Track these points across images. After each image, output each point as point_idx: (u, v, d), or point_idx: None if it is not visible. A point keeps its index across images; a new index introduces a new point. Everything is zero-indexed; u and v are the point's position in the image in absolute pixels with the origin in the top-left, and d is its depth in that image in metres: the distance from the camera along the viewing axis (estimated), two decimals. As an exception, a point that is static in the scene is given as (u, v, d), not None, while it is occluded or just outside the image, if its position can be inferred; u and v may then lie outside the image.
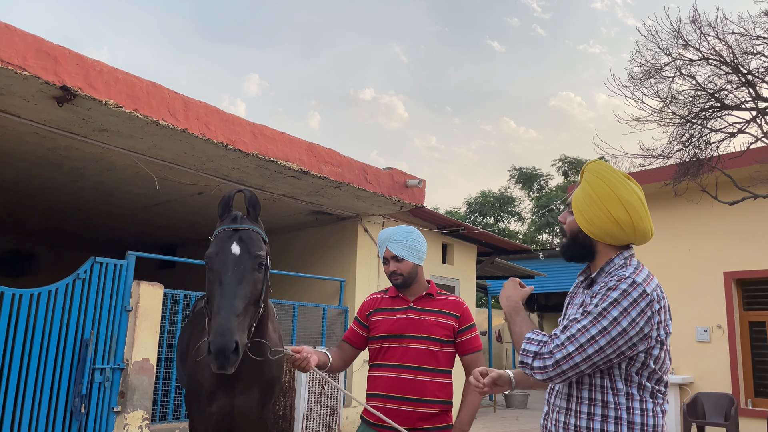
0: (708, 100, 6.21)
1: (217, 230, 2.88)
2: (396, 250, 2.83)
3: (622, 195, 1.92)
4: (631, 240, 2.00)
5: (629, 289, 1.82)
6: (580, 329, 1.79)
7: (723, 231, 10.51)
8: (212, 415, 3.38)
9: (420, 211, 9.29)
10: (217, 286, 2.70)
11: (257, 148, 6.21)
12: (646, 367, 1.86)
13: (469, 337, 2.81)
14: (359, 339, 2.93)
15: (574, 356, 1.77)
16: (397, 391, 2.68)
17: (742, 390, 10.09)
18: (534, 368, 1.81)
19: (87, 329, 5.76)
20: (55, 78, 4.62)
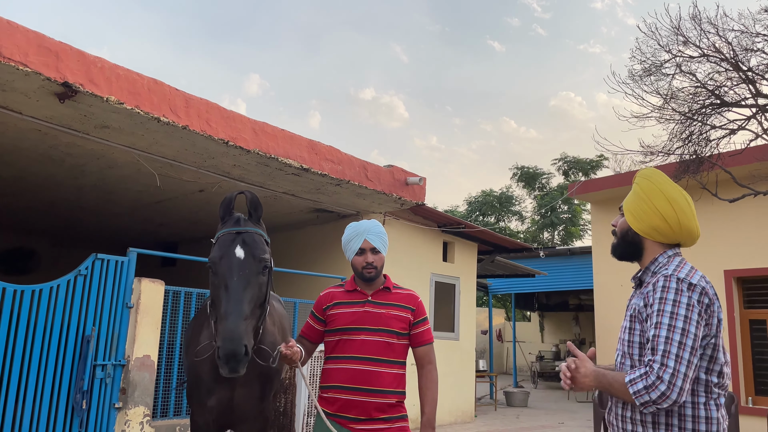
0: (708, 97, 6.22)
1: (219, 233, 2.89)
2: (375, 242, 2.87)
3: (668, 192, 2.06)
4: (677, 237, 2.09)
5: (680, 286, 1.91)
6: (666, 341, 1.85)
7: (723, 229, 10.51)
8: (212, 409, 3.40)
9: (420, 208, 9.31)
10: (223, 290, 2.71)
11: (258, 145, 6.22)
12: (703, 357, 1.92)
13: (423, 330, 2.88)
14: (316, 333, 2.94)
15: (679, 368, 1.82)
16: (354, 383, 2.71)
17: (743, 388, 10.10)
18: (656, 401, 1.82)
19: (88, 326, 5.78)
20: (56, 74, 4.63)
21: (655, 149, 6.67)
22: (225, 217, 2.97)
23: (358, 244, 2.85)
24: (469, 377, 11.08)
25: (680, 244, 2.13)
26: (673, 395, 1.80)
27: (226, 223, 2.93)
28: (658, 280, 1.97)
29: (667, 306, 1.89)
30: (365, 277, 2.85)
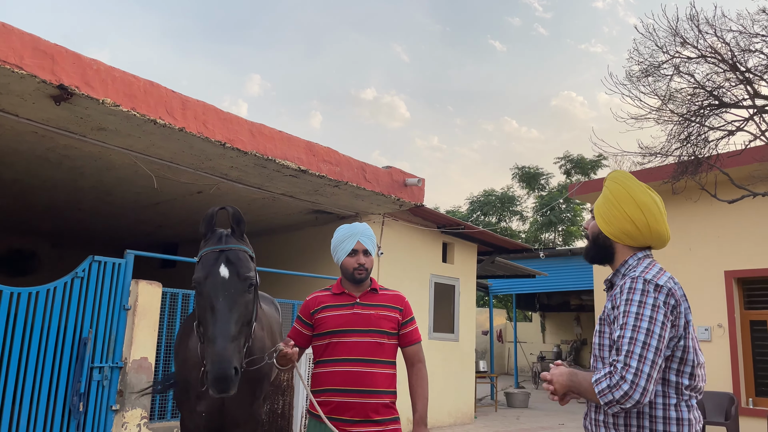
0: (706, 98, 6.20)
1: (202, 251, 2.83)
2: (367, 245, 2.90)
3: (638, 196, 2.07)
4: (647, 241, 2.10)
5: (647, 287, 1.92)
6: (630, 341, 1.85)
7: (723, 230, 10.48)
8: (201, 414, 3.40)
9: (420, 210, 9.29)
10: (209, 312, 2.68)
11: (255, 146, 6.22)
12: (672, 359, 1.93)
13: (411, 330, 2.91)
14: (303, 338, 2.92)
15: (642, 368, 1.82)
16: (348, 384, 2.70)
17: (743, 389, 10.07)
18: (619, 401, 1.82)
19: (85, 328, 5.78)
20: (52, 77, 4.63)
21: (653, 150, 6.65)
22: (207, 234, 2.91)
23: (351, 245, 2.86)
24: (469, 378, 11.07)
25: (651, 247, 2.15)
26: (636, 395, 1.80)
27: (209, 241, 2.87)
28: (625, 281, 1.98)
29: (633, 307, 1.90)
30: (356, 279, 2.85)
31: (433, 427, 9.71)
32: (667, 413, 1.90)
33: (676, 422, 1.89)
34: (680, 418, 1.89)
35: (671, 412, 1.90)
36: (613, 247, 2.15)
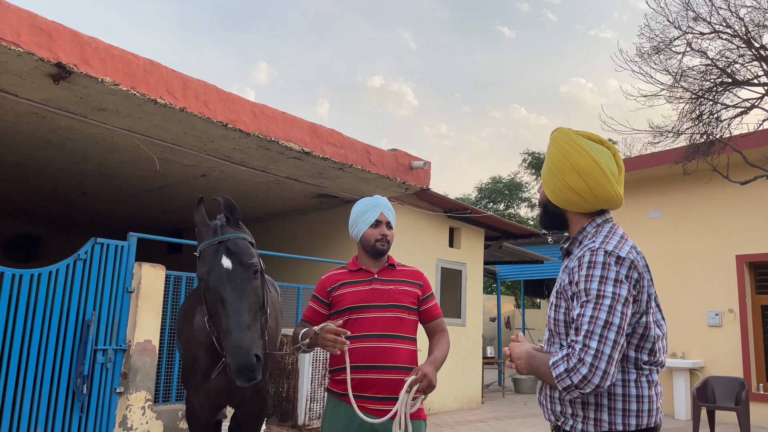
0: (719, 75, 6.04)
1: (201, 245, 2.81)
2: (390, 217, 2.85)
3: (578, 163, 1.90)
4: (598, 206, 1.95)
5: (607, 260, 1.77)
6: (590, 320, 1.72)
7: (735, 213, 10.32)
8: (209, 391, 3.42)
9: (426, 194, 9.19)
10: (220, 305, 2.67)
11: (258, 128, 6.13)
12: (633, 335, 1.82)
13: (432, 305, 2.85)
14: (321, 317, 2.85)
15: (603, 350, 1.69)
16: (370, 360, 2.63)
17: (754, 374, 9.96)
18: (578, 385, 1.70)
19: (88, 310, 5.74)
20: (49, 54, 4.56)
21: (664, 129, 6.50)
22: (202, 228, 2.90)
23: (374, 216, 2.80)
24: (475, 364, 11.01)
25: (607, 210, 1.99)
26: (595, 379, 1.67)
27: (206, 234, 2.85)
28: (584, 254, 1.82)
29: (593, 283, 1.75)
30: (377, 251, 2.79)
31: (439, 412, 9.68)
32: (627, 390, 1.79)
33: (636, 399, 1.78)
34: (640, 395, 1.79)
35: (631, 389, 1.79)
36: (565, 215, 2.00)
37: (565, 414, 1.86)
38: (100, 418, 5.74)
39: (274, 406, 6.71)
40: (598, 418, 1.79)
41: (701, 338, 10.53)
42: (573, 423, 1.84)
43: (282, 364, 6.77)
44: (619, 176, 1.95)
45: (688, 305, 10.71)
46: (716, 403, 8.40)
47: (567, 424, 1.86)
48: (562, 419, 1.87)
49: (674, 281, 10.94)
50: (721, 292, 10.39)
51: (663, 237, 11.27)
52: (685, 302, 10.73)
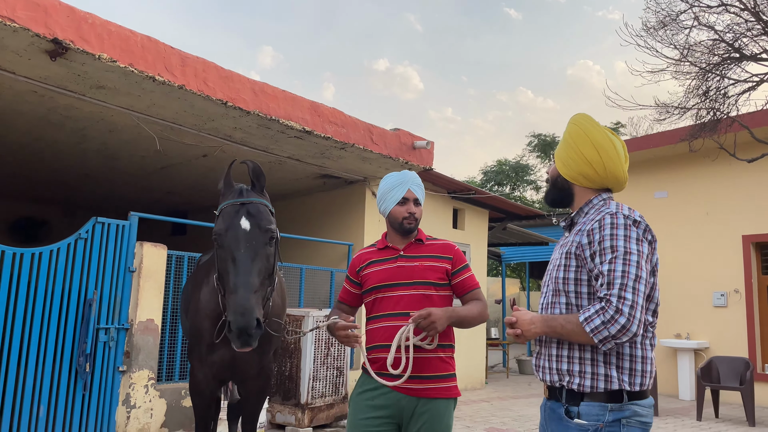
0: (727, 50, 5.92)
1: (222, 204, 2.85)
2: (418, 193, 2.78)
3: (594, 137, 2.04)
4: (605, 182, 2.06)
5: (627, 221, 1.88)
6: (623, 274, 1.79)
7: (741, 193, 10.22)
8: (213, 364, 3.47)
9: (430, 174, 9.14)
10: (231, 263, 2.68)
11: (258, 106, 6.08)
12: None
13: (465, 277, 2.73)
14: (353, 297, 2.86)
15: (637, 300, 1.78)
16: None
17: (759, 354, 9.93)
18: (614, 336, 1.77)
19: (90, 289, 5.75)
20: (45, 30, 4.51)
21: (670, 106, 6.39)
22: (226, 189, 2.93)
23: (401, 193, 2.73)
24: (479, 344, 11.02)
25: (610, 189, 2.11)
26: (633, 327, 1.76)
27: (229, 195, 2.88)
28: (604, 217, 1.92)
29: (619, 241, 1.85)
30: (405, 229, 2.73)
31: (443, 392, 9.69)
32: (634, 351, 1.86)
33: (641, 360, 1.87)
34: (644, 356, 1.87)
35: (637, 350, 1.87)
36: (572, 189, 2.11)
37: (572, 372, 1.88)
38: (103, 396, 5.77)
39: (277, 384, 6.73)
40: (608, 374, 1.84)
41: (707, 319, 10.49)
42: (581, 381, 1.86)
43: (285, 344, 6.78)
44: (626, 164, 2.10)
45: (694, 286, 10.65)
46: (720, 383, 8.38)
47: (574, 383, 1.87)
48: (567, 378, 1.89)
49: (680, 262, 10.87)
50: (727, 272, 10.32)
51: (669, 217, 11.18)
52: (691, 283, 10.67)
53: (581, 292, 1.92)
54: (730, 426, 7.82)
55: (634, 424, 1.80)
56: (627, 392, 1.82)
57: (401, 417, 2.60)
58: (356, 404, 2.66)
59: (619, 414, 1.80)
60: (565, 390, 1.90)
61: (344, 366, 7.00)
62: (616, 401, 1.82)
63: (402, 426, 2.62)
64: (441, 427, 2.60)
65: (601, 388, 1.83)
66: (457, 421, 7.45)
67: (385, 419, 2.59)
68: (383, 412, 2.59)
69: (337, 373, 6.89)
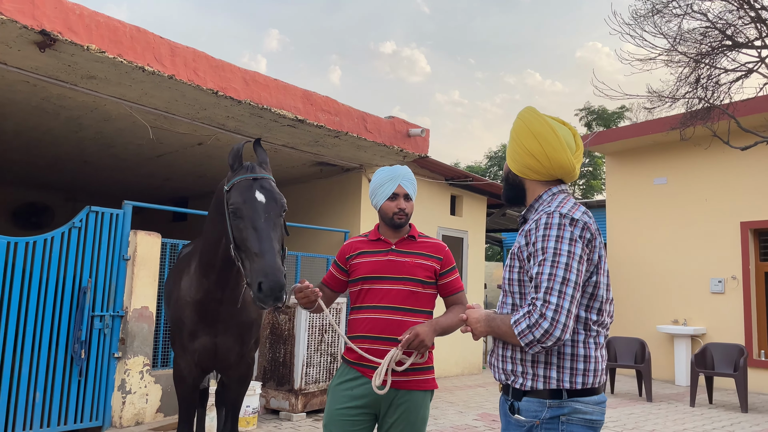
0: (718, 38, 5.87)
1: (235, 179, 3.02)
2: (408, 189, 2.82)
3: (534, 128, 2.04)
4: (552, 172, 2.04)
5: (562, 221, 1.87)
6: (549, 278, 1.79)
7: (739, 180, 10.19)
8: (195, 352, 3.57)
9: (426, 161, 9.15)
10: (251, 231, 2.84)
11: (249, 95, 6.10)
12: (583, 294, 1.89)
13: (452, 279, 2.81)
14: (338, 283, 2.92)
15: (562, 304, 1.77)
16: (377, 332, 2.66)
17: (756, 341, 9.95)
18: (539, 340, 1.78)
19: (85, 277, 5.84)
20: (33, 22, 4.54)
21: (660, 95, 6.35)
22: (235, 165, 3.10)
23: (391, 189, 2.78)
24: (477, 330, 11.08)
25: (562, 181, 2.09)
26: (557, 332, 1.75)
27: (239, 171, 3.06)
28: (540, 217, 1.91)
29: (550, 242, 1.84)
30: (395, 224, 2.78)
31: (439, 377, 9.79)
32: (575, 350, 1.86)
33: (584, 359, 1.86)
34: (587, 355, 1.87)
35: (579, 349, 1.87)
36: (523, 183, 2.11)
37: (515, 372, 1.93)
38: (99, 382, 5.88)
39: (271, 370, 6.83)
40: (548, 375, 1.87)
41: (704, 305, 10.50)
42: (523, 381, 1.91)
43: (279, 330, 6.86)
44: (577, 152, 2.08)
45: (691, 272, 10.65)
46: (715, 369, 8.42)
47: (517, 383, 1.93)
48: (512, 377, 1.94)
49: (678, 248, 10.87)
50: (725, 258, 10.32)
51: (668, 203, 11.16)
52: (689, 269, 10.68)
53: (525, 293, 1.93)
54: (722, 412, 7.87)
55: (575, 421, 1.82)
56: (567, 390, 1.84)
57: (378, 407, 2.66)
58: (334, 394, 2.72)
59: (557, 411, 1.83)
60: (510, 387, 1.95)
61: (338, 352, 7.08)
62: (555, 398, 1.85)
63: (379, 416, 2.69)
64: (417, 418, 2.67)
65: (540, 387, 1.86)
66: (451, 407, 7.54)
67: (362, 409, 2.65)
68: (361, 402, 2.65)
69: (330, 359, 6.97)
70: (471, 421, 6.79)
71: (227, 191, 3.05)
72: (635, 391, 9.22)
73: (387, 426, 2.66)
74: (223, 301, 3.47)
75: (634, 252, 11.49)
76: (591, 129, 27.80)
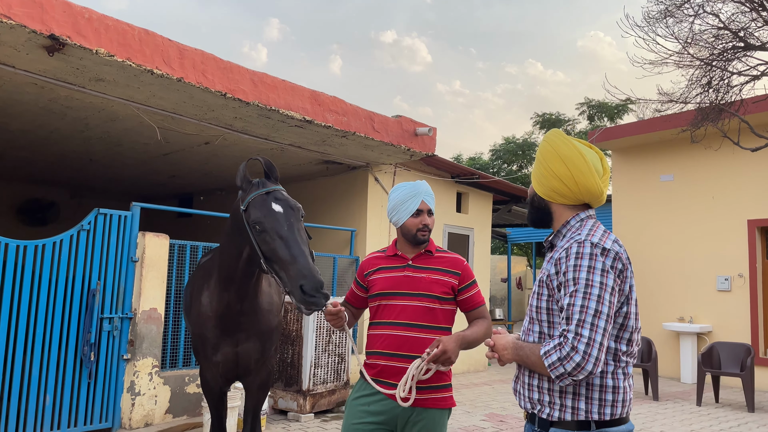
0: (731, 40, 5.81)
1: (249, 197, 3.09)
2: (431, 204, 2.82)
3: (561, 151, 2.01)
4: (579, 197, 2.01)
5: (594, 251, 1.83)
6: (581, 309, 1.77)
7: (747, 178, 10.14)
8: (218, 364, 3.70)
9: (433, 159, 9.12)
10: (278, 241, 2.89)
11: (257, 96, 6.07)
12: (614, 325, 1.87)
13: (472, 294, 2.79)
14: (358, 300, 2.93)
15: (595, 337, 1.75)
16: (394, 348, 2.66)
17: (762, 339, 9.94)
18: (571, 373, 1.76)
19: (93, 280, 5.83)
20: (42, 27, 4.50)
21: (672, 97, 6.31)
22: (244, 185, 3.17)
23: (415, 205, 2.76)
24: (482, 327, 11.08)
25: (589, 205, 2.05)
26: (589, 366, 1.73)
27: (251, 189, 3.13)
28: (571, 246, 1.88)
29: (582, 273, 1.81)
30: (418, 240, 2.77)
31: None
32: (604, 381, 1.85)
33: (612, 390, 1.85)
34: (616, 386, 1.86)
35: (608, 380, 1.85)
36: (550, 207, 2.07)
37: (542, 402, 1.92)
38: (109, 384, 5.89)
39: (279, 371, 6.84)
40: (575, 406, 1.86)
41: (710, 303, 10.49)
42: (550, 411, 1.90)
43: (287, 331, 6.86)
44: (604, 176, 2.04)
45: (698, 269, 10.63)
46: (721, 368, 8.42)
47: (543, 412, 1.92)
48: (539, 407, 1.93)
49: (684, 245, 10.85)
50: (732, 256, 10.29)
51: (674, 200, 11.12)
52: (695, 266, 10.66)
53: (554, 322, 1.91)
54: (729, 411, 7.87)
55: None
56: (595, 421, 1.84)
57: (395, 424, 2.66)
58: (351, 408, 2.72)
59: None
60: (537, 416, 1.93)
61: (346, 352, 7.09)
62: (583, 429, 1.84)
63: None
64: None
65: (568, 419, 1.85)
66: (458, 406, 7.56)
67: (379, 425, 2.65)
68: (378, 418, 2.64)
69: (338, 360, 6.98)
70: (479, 422, 6.80)
71: (245, 210, 3.10)
72: (641, 389, 9.23)
73: None
74: (244, 312, 3.59)
75: (640, 249, 11.47)
76: (593, 121, 27.67)
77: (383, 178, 9.14)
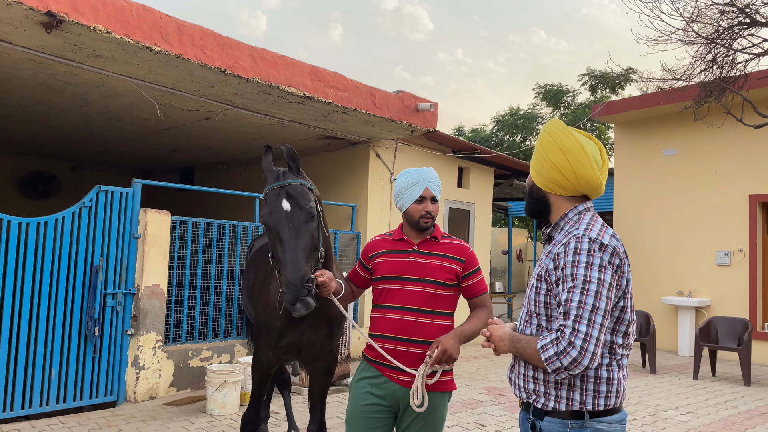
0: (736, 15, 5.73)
1: (265, 190, 3.06)
2: (435, 191, 2.81)
3: (561, 142, 2.00)
4: (577, 188, 2.01)
5: (592, 246, 1.85)
6: (578, 305, 1.79)
7: (749, 154, 10.10)
8: (281, 348, 3.58)
9: (434, 134, 9.08)
10: (278, 242, 2.88)
11: (257, 73, 6.02)
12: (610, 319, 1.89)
13: (475, 281, 2.81)
14: (361, 279, 2.96)
15: (591, 332, 1.77)
16: (397, 332, 2.69)
17: (760, 313, 10.02)
18: (567, 368, 1.78)
19: (96, 256, 5.88)
20: (39, 3, 4.46)
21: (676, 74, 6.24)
22: (268, 174, 3.12)
23: (418, 192, 2.77)
24: (483, 301, 11.17)
25: (587, 197, 2.05)
26: (585, 361, 1.76)
27: (270, 179, 3.09)
28: (569, 241, 1.89)
29: (580, 269, 1.82)
30: (421, 227, 2.77)
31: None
32: (599, 372, 1.88)
33: (606, 381, 1.88)
34: (610, 377, 1.89)
35: (603, 372, 1.88)
36: (548, 198, 2.07)
37: (537, 392, 1.95)
38: (113, 359, 5.98)
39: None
40: (570, 397, 1.89)
41: (709, 277, 10.55)
42: (544, 401, 1.93)
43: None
44: (603, 168, 2.04)
45: (698, 244, 10.67)
46: (719, 343, 8.51)
47: (538, 402, 1.95)
48: (533, 397, 1.97)
49: (685, 219, 10.86)
50: (732, 231, 10.31)
51: (676, 175, 11.10)
52: (695, 241, 10.69)
53: (551, 315, 1.93)
54: (726, 385, 7.98)
55: None
56: (589, 412, 1.87)
57: (398, 406, 2.71)
58: (355, 390, 2.78)
59: (579, 431, 1.87)
60: (531, 406, 1.97)
61: (347, 327, 7.17)
62: (577, 419, 1.87)
63: (398, 415, 2.74)
64: (434, 419, 2.71)
65: (563, 408, 1.88)
66: (457, 379, 7.66)
67: (382, 407, 2.70)
68: (380, 400, 2.70)
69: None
70: (477, 395, 6.91)
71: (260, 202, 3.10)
72: (639, 362, 9.33)
73: (405, 425, 2.71)
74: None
75: (641, 222, 11.48)
76: (595, 92, 27.38)
77: (384, 153, 9.12)
